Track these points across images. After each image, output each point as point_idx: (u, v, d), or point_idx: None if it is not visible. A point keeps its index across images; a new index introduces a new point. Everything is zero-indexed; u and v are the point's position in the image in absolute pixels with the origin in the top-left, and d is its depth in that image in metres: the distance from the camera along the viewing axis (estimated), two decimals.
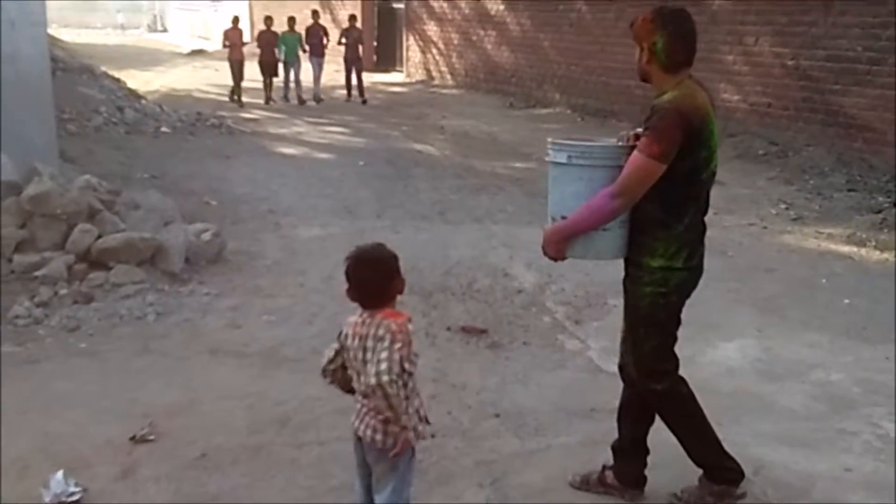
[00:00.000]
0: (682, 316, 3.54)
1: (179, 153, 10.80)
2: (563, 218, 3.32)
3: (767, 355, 5.06)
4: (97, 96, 12.03)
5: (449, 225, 8.02)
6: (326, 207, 8.59)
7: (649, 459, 3.61)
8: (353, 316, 2.86)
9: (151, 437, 4.06)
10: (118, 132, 11.26)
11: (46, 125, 7.44)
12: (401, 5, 20.99)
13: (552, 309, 5.88)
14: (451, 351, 5.21)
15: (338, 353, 2.90)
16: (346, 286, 2.84)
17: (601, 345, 5.27)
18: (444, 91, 18.68)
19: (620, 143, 3.36)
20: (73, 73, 12.68)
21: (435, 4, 19.43)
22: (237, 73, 16.19)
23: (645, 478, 3.62)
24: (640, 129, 3.23)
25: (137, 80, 16.84)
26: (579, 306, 5.92)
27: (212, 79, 19.93)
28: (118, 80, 14.02)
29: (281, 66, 16.64)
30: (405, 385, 2.70)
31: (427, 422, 2.90)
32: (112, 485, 3.69)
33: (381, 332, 2.72)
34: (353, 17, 17.78)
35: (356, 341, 2.80)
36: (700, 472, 3.53)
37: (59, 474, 3.62)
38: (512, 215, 8.42)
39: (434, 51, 15.20)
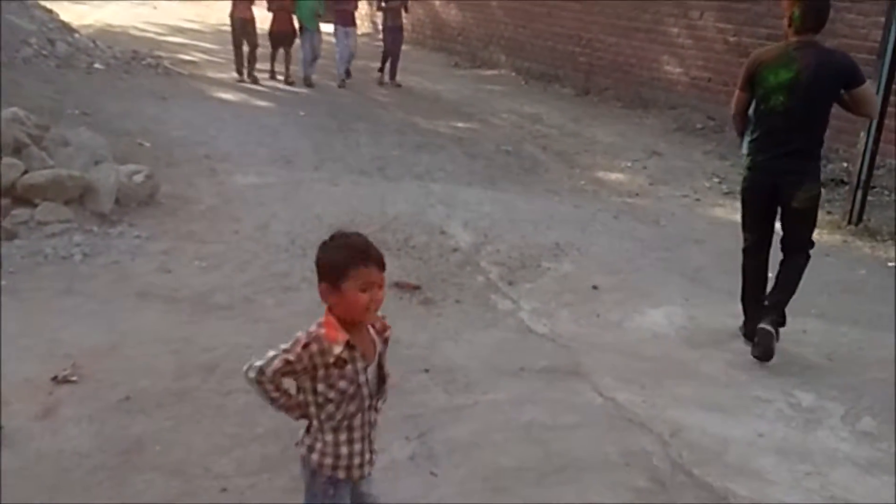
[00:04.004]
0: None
1: (113, 91, 10.47)
2: None
3: (692, 323, 5.19)
4: (27, 26, 11.54)
5: (388, 181, 7.98)
6: (264, 156, 8.46)
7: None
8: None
9: (74, 378, 4.00)
10: (48, 65, 10.84)
11: None
12: None
13: (486, 269, 5.92)
14: (384, 306, 5.18)
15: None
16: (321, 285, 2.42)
17: (532, 306, 5.34)
18: None
19: None
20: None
21: None
22: (242, 38, 12.26)
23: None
24: None
25: (71, 13, 16.16)
26: (513, 267, 5.97)
27: (150, 17, 19.32)
28: (50, 11, 13.46)
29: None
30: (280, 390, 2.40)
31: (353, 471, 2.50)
32: (31, 424, 3.62)
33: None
34: None
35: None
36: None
37: None
38: (451, 174, 8.41)
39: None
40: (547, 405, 4.13)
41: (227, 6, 12.55)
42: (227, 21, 12.55)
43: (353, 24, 12.93)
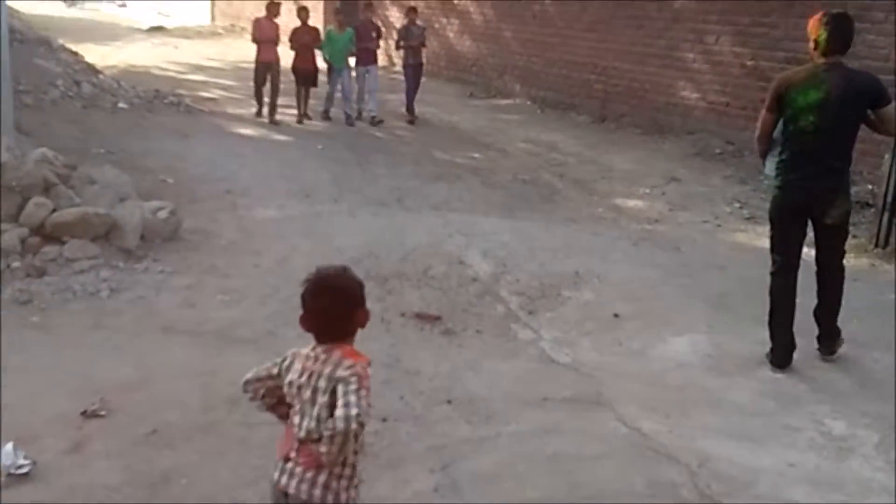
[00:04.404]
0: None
1: (137, 130, 10.63)
2: None
3: (717, 351, 5.16)
4: (54, 69, 11.77)
5: (406, 211, 8.02)
6: (284, 189, 8.53)
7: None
8: (304, 348, 2.53)
9: (102, 413, 4.04)
10: (75, 106, 11.03)
11: (2, 96, 7.28)
12: None
13: (506, 298, 5.93)
14: (405, 337, 5.23)
15: (272, 377, 2.57)
16: (300, 313, 2.50)
17: (553, 335, 5.33)
18: None
19: None
20: (29, 44, 12.38)
21: None
22: (264, 81, 12.07)
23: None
24: None
25: (94, 54, 16.45)
26: (533, 297, 5.97)
27: (171, 56, 19.60)
28: (75, 53, 13.72)
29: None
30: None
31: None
32: (62, 458, 3.66)
33: (343, 372, 2.38)
34: (413, 10, 13.16)
35: (304, 377, 2.46)
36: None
37: (9, 446, 3.59)
38: (469, 204, 8.44)
39: (395, 37, 15.02)
40: (571, 436, 4.11)
41: (245, 44, 12.70)
42: (246, 58, 12.71)
43: (375, 62, 12.75)
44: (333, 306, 2.47)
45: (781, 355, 4.85)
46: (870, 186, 8.51)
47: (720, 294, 6.10)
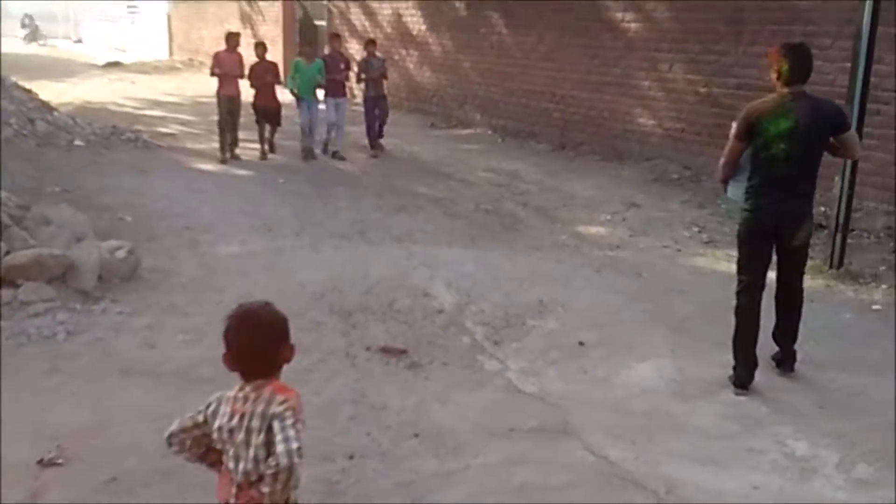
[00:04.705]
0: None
1: (93, 167, 10.51)
2: None
3: (680, 375, 5.19)
4: (7, 107, 11.60)
5: (369, 244, 8.00)
6: (245, 225, 8.47)
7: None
8: (229, 390, 2.47)
9: (60, 461, 3.94)
10: (29, 144, 10.89)
11: None
12: (322, 23, 20.93)
13: (471, 329, 5.92)
14: (370, 371, 5.19)
15: (198, 425, 2.49)
16: (223, 351, 2.44)
17: (519, 365, 5.33)
18: None
19: None
20: None
21: (357, 23, 19.44)
22: (228, 118, 11.65)
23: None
24: None
25: (50, 91, 16.31)
26: (498, 327, 5.97)
27: (128, 92, 19.49)
28: (29, 91, 13.56)
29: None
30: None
31: None
32: None
33: (277, 408, 2.34)
34: (372, 42, 13.18)
35: (235, 419, 2.39)
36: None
37: None
38: (432, 235, 8.45)
39: (356, 69, 15.00)
40: (538, 466, 4.10)
41: (204, 78, 12.64)
42: (205, 93, 12.64)
43: (344, 94, 12.61)
44: (259, 343, 2.42)
45: (745, 375, 4.92)
46: (822, 208, 8.66)
47: (682, 318, 6.15)
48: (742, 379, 4.92)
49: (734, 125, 4.98)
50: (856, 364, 5.40)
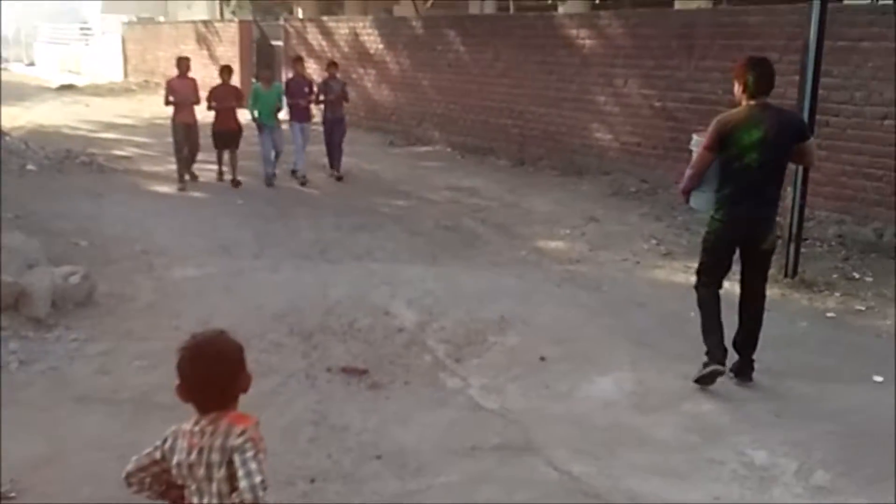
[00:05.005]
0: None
1: (47, 192, 10.34)
2: None
3: (641, 388, 5.22)
4: None
5: (330, 264, 7.96)
6: (202, 247, 8.38)
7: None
8: (185, 423, 2.38)
9: (12, 495, 3.85)
10: None
11: None
12: (280, 43, 20.88)
13: (433, 347, 5.90)
14: (331, 392, 5.15)
15: (156, 462, 2.41)
16: (176, 383, 2.35)
17: (481, 382, 5.32)
18: None
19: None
20: None
21: (314, 42, 19.43)
22: (185, 144, 11.29)
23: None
24: None
25: (1, 115, 16.05)
26: (460, 344, 5.96)
27: (82, 115, 19.26)
28: None
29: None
30: None
31: None
32: None
33: (235, 441, 2.27)
34: (333, 64, 12.92)
35: (194, 454, 2.32)
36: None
37: None
38: (393, 253, 8.43)
39: (315, 91, 14.92)
40: (502, 484, 4.09)
41: (160, 100, 12.47)
42: (161, 114, 12.50)
43: (308, 119, 12.29)
44: (214, 374, 2.33)
45: (720, 353, 5.10)
46: (777, 218, 8.80)
47: (642, 331, 6.20)
48: (719, 356, 5.09)
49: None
50: (812, 372, 5.48)
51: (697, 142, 5.31)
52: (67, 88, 25.98)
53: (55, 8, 45.14)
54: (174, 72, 11.79)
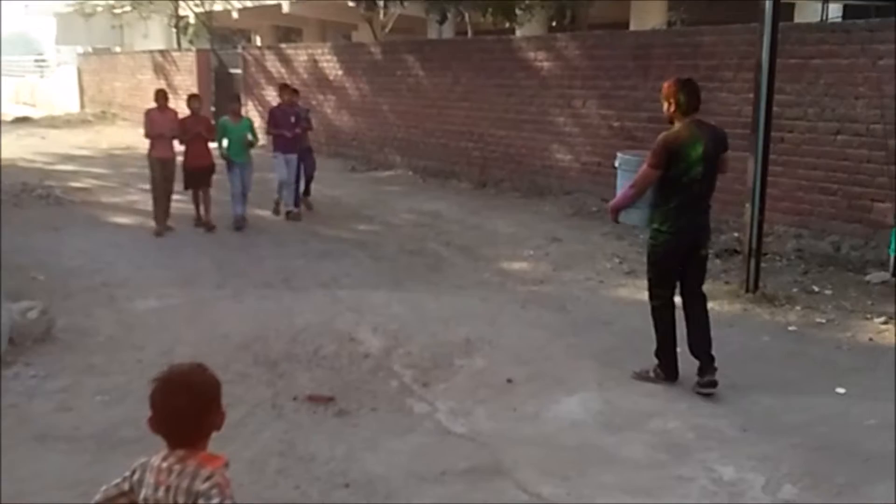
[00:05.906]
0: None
1: (3, 226, 10.15)
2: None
3: (608, 407, 5.23)
4: None
5: (294, 291, 7.90)
6: (164, 278, 8.29)
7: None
8: (154, 457, 2.30)
9: None
10: None
11: None
12: (238, 71, 20.84)
13: (399, 372, 5.87)
14: (297, 422, 5.09)
15: (123, 494, 2.34)
16: (149, 415, 2.28)
17: (449, 406, 5.30)
18: None
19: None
20: None
21: (273, 70, 19.42)
22: (163, 185, 10.41)
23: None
24: None
25: None
26: (426, 368, 5.94)
27: (38, 147, 19.01)
28: None
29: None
30: None
31: None
32: None
33: (202, 486, 2.20)
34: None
35: (161, 492, 2.25)
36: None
37: None
38: (357, 279, 8.40)
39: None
40: None
41: (118, 130, 12.37)
42: (119, 144, 12.38)
43: (294, 150, 11.39)
44: (187, 408, 2.26)
45: (674, 369, 5.49)
46: (735, 234, 8.94)
47: (607, 350, 6.22)
48: (673, 373, 5.49)
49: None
50: (776, 385, 5.54)
51: (624, 160, 5.68)
52: (22, 121, 25.64)
53: (7, 39, 44.69)
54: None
